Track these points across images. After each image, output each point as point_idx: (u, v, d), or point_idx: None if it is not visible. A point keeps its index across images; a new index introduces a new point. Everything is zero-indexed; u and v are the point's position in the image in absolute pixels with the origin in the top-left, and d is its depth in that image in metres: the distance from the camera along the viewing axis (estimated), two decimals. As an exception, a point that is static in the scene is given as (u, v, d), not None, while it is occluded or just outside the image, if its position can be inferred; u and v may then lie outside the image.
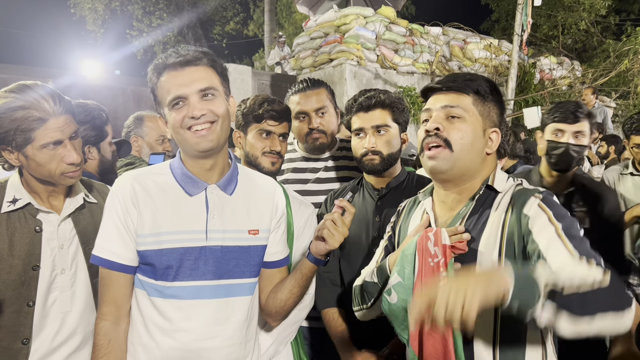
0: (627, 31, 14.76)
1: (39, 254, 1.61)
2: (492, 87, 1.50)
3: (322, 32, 10.21)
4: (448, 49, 10.98)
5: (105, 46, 19.18)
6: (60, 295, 1.65)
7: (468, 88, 1.47)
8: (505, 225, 1.39)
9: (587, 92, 8.86)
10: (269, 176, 1.91)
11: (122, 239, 1.49)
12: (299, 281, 1.60)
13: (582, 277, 1.15)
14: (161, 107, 1.51)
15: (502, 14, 19.23)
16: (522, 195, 1.41)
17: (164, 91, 1.47)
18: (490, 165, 1.51)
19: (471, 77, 1.49)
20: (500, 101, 1.53)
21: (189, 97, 1.44)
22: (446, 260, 1.39)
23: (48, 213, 1.66)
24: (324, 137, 2.42)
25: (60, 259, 1.65)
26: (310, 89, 2.42)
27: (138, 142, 3.01)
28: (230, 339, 1.52)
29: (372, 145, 2.01)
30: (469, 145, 1.44)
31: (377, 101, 2.02)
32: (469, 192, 1.49)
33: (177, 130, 1.46)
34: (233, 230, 1.53)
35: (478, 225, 1.43)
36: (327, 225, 1.50)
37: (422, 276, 1.41)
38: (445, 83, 1.50)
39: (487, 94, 1.48)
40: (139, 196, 1.49)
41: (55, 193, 1.69)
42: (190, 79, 1.44)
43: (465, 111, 1.45)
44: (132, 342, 1.52)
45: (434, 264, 1.40)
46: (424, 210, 1.57)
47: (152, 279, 1.49)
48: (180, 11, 18.88)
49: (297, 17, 20.25)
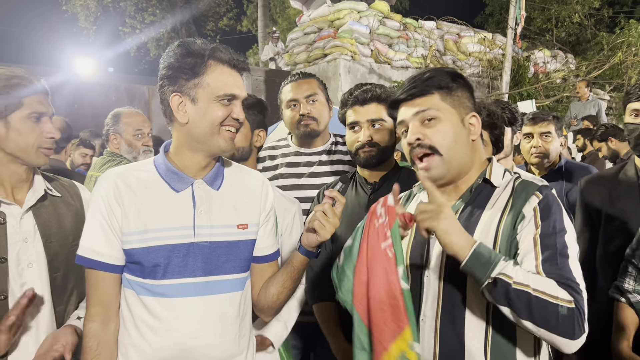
0: (621, 24, 14.79)
1: (5, 246, 1.58)
2: (453, 76, 1.49)
3: (316, 27, 10.20)
4: (442, 43, 10.98)
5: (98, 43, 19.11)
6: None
7: (430, 87, 1.45)
8: (501, 224, 1.38)
9: (581, 85, 8.87)
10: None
11: (107, 238, 1.46)
12: (290, 274, 1.58)
13: (542, 288, 1.25)
14: (200, 89, 1.45)
15: (495, 7, 19.26)
16: (524, 191, 1.41)
17: (219, 82, 1.45)
18: (480, 154, 1.51)
19: (429, 76, 1.47)
20: (466, 85, 1.51)
21: (239, 99, 1.50)
22: (390, 220, 1.37)
23: (10, 205, 1.62)
24: (314, 123, 2.43)
25: (25, 253, 1.62)
26: (301, 78, 2.49)
27: (117, 139, 3.02)
28: (223, 335, 1.50)
29: (368, 138, 2.00)
30: (453, 142, 1.43)
31: (373, 95, 2.02)
32: (465, 184, 1.50)
33: (215, 125, 1.45)
34: (221, 226, 1.51)
35: (471, 218, 1.43)
36: (317, 216, 1.47)
37: (367, 238, 1.42)
38: (408, 91, 1.47)
39: (450, 85, 1.46)
40: (123, 193, 1.46)
41: (20, 183, 1.66)
42: (242, 82, 1.51)
43: (438, 110, 1.44)
44: (123, 343, 1.49)
45: (378, 225, 1.39)
46: (420, 202, 1.56)
47: (140, 278, 1.46)
48: (173, 8, 18.81)
49: (291, 12, 20.20)
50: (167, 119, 1.52)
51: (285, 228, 2.04)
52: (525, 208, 1.36)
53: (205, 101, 1.44)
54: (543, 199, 1.37)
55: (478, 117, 1.50)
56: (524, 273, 1.26)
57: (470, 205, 1.46)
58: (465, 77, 1.53)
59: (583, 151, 6.43)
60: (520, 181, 1.46)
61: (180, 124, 1.47)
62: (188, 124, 1.46)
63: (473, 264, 1.26)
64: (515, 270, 1.26)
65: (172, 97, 1.45)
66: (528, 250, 1.32)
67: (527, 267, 1.30)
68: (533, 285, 1.23)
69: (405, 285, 1.33)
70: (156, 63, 1.59)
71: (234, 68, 1.50)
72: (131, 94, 9.35)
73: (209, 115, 1.45)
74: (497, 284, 1.25)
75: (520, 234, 1.35)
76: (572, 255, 1.32)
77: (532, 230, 1.33)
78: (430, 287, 1.46)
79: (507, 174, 1.50)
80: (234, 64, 1.49)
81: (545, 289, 1.24)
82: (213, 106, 1.45)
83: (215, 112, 1.45)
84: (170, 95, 1.46)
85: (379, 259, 1.36)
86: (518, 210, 1.37)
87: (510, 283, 1.23)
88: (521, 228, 1.35)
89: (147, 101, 9.54)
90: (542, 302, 1.22)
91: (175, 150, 1.53)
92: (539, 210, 1.35)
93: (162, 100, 1.49)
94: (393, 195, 1.41)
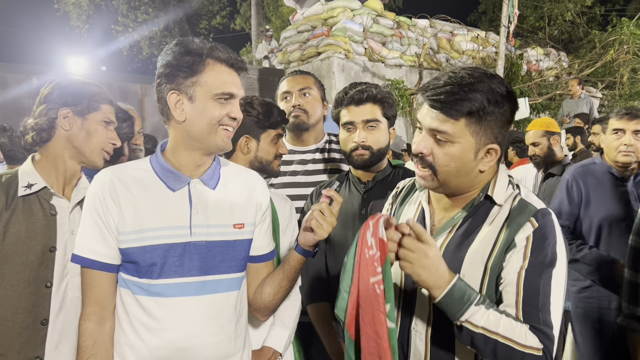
0: (613, 22, 14.85)
1: (54, 236, 1.68)
2: (496, 100, 1.29)
3: (310, 26, 10.19)
4: (435, 41, 11.00)
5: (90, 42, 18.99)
6: (71, 280, 1.70)
7: (459, 112, 1.27)
8: (496, 246, 1.33)
9: (573, 83, 8.91)
10: (274, 178, 1.96)
11: (103, 236, 1.46)
12: (287, 274, 1.58)
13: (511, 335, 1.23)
14: (198, 87, 1.44)
15: (488, 5, 19.31)
16: (520, 214, 1.33)
17: (217, 80, 1.46)
18: (486, 176, 1.40)
19: (466, 95, 1.26)
20: (508, 109, 1.34)
21: (237, 98, 1.50)
22: (382, 256, 1.27)
23: (60, 199, 1.73)
24: (304, 116, 2.44)
25: (71, 245, 1.67)
26: (298, 74, 2.53)
27: None
28: (219, 335, 1.49)
29: (363, 139, 1.99)
30: (454, 171, 1.34)
31: (369, 95, 2.00)
32: (464, 199, 1.42)
33: (213, 124, 1.46)
34: (218, 225, 1.51)
35: (469, 234, 1.38)
36: (315, 215, 1.47)
37: (359, 265, 1.32)
38: (436, 100, 1.29)
39: (485, 111, 1.28)
40: (119, 192, 1.46)
41: (71, 180, 1.78)
42: (239, 81, 1.52)
43: (454, 135, 1.29)
44: (119, 342, 1.49)
45: (369, 256, 1.29)
46: (419, 203, 1.54)
47: (135, 277, 1.46)
48: (165, 6, 18.71)
49: (284, 10, 20.16)
50: (164, 118, 1.52)
51: (282, 226, 2.03)
52: (518, 236, 1.30)
53: (203, 99, 1.44)
54: (539, 229, 1.29)
55: (498, 149, 1.35)
56: (496, 316, 1.24)
57: (469, 219, 1.40)
58: (512, 101, 1.34)
59: (574, 149, 6.45)
60: (518, 201, 1.36)
61: (178, 122, 1.47)
62: (185, 122, 1.46)
63: (445, 303, 1.25)
64: (487, 315, 1.24)
65: (169, 95, 1.45)
66: (510, 283, 1.28)
67: (506, 300, 1.28)
68: (502, 332, 1.22)
69: (391, 324, 1.29)
70: (149, 62, 1.59)
71: (232, 67, 1.50)
72: (124, 92, 9.30)
73: (206, 114, 1.45)
74: (462, 329, 1.25)
75: (508, 262, 1.30)
76: (556, 292, 1.28)
77: (519, 261, 1.28)
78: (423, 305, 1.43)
79: (510, 188, 1.41)
80: (232, 63, 1.50)
81: (515, 336, 1.22)
82: (211, 105, 1.45)
83: (213, 111, 1.45)
84: (167, 93, 1.45)
85: (368, 293, 1.30)
86: (511, 237, 1.31)
87: (474, 331, 1.23)
88: (509, 256, 1.30)
89: (140, 100, 9.50)
90: (508, 349, 1.22)
91: (171, 148, 1.53)
92: (531, 240, 1.28)
93: (159, 99, 1.49)
94: (383, 223, 1.29)
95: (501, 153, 1.39)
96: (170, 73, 1.45)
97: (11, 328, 1.61)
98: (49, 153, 1.75)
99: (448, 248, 1.39)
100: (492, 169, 1.41)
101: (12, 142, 3.62)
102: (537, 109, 10.81)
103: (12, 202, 1.66)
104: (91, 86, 1.80)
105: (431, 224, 1.47)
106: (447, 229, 1.42)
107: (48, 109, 1.72)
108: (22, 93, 7.75)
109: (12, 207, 1.65)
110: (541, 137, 3.87)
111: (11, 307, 1.61)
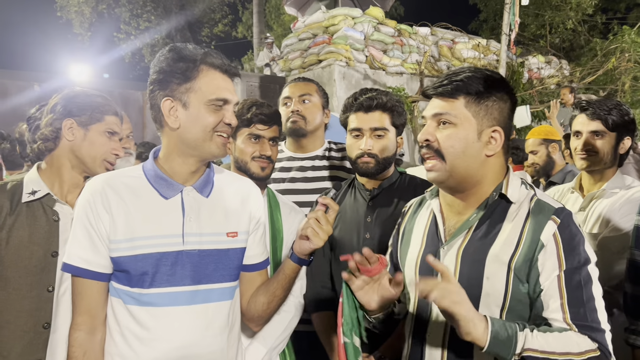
0: (614, 29, 14.90)
1: (57, 242, 1.70)
2: (491, 83, 1.38)
3: (311, 33, 10.22)
4: (436, 49, 11.02)
5: (93, 49, 19.10)
6: (69, 286, 1.67)
7: (457, 92, 1.36)
8: (521, 242, 1.32)
9: (565, 92, 8.80)
10: (259, 181, 1.90)
11: (94, 245, 1.43)
12: (281, 283, 1.56)
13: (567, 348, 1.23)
14: (192, 93, 1.43)
15: (490, 13, 19.35)
16: (540, 213, 1.33)
17: (210, 86, 1.44)
18: (495, 168, 1.41)
19: (463, 78, 1.37)
20: (506, 96, 1.41)
21: (231, 104, 1.48)
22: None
23: (63, 205, 1.75)
24: (302, 121, 2.42)
25: None
26: (301, 81, 2.52)
27: None
28: (211, 345, 1.47)
29: (369, 147, 1.96)
30: (460, 152, 1.36)
31: (379, 103, 1.98)
32: (475, 198, 1.41)
33: (207, 130, 1.44)
34: (210, 234, 1.49)
35: (489, 234, 1.36)
36: (310, 223, 1.46)
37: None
38: (435, 88, 1.40)
39: (483, 93, 1.36)
40: (111, 199, 1.44)
41: (74, 188, 1.80)
42: (233, 87, 1.51)
43: (455, 116, 1.36)
44: (109, 353, 1.46)
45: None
46: (431, 210, 1.52)
47: (127, 286, 1.43)
48: (168, 14, 18.81)
49: (286, 18, 20.26)
50: (157, 125, 1.50)
51: (290, 236, 2.01)
52: (544, 235, 1.30)
53: (196, 106, 1.43)
54: (562, 225, 1.30)
55: (501, 132, 1.39)
56: (543, 337, 1.23)
57: (486, 220, 1.39)
58: (509, 90, 1.43)
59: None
60: (536, 201, 1.37)
61: (171, 129, 1.45)
62: (179, 129, 1.44)
63: (494, 347, 1.22)
64: (537, 338, 1.23)
65: (163, 101, 1.44)
66: (551, 289, 1.28)
67: (552, 306, 1.28)
68: (558, 350, 1.22)
69: (346, 339, 1.42)
70: (151, 69, 1.57)
71: (226, 73, 1.49)
72: (125, 99, 9.33)
73: (200, 120, 1.43)
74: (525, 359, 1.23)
75: (543, 267, 1.29)
76: (595, 288, 1.29)
77: (555, 265, 1.28)
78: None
79: (523, 188, 1.42)
80: (226, 69, 1.48)
81: (569, 348, 1.22)
82: (205, 111, 1.43)
83: (208, 117, 1.43)
84: (161, 100, 1.44)
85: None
86: (536, 237, 1.30)
87: (537, 357, 1.21)
88: (542, 260, 1.29)
89: (142, 107, 9.53)
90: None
91: (165, 156, 1.51)
92: (560, 239, 1.29)
93: (153, 105, 1.47)
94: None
95: (507, 139, 1.41)
96: (163, 79, 1.44)
97: (13, 331, 1.64)
98: (53, 162, 1.79)
99: (467, 251, 1.37)
100: (502, 164, 1.43)
101: (13, 148, 3.64)
102: (538, 117, 10.80)
103: (16, 208, 1.70)
104: (96, 97, 1.84)
105: (445, 229, 1.45)
106: (463, 231, 1.40)
107: (54, 119, 1.77)
108: (23, 100, 7.79)
109: (16, 212, 1.69)
110: (539, 145, 3.87)
111: (14, 311, 1.65)
